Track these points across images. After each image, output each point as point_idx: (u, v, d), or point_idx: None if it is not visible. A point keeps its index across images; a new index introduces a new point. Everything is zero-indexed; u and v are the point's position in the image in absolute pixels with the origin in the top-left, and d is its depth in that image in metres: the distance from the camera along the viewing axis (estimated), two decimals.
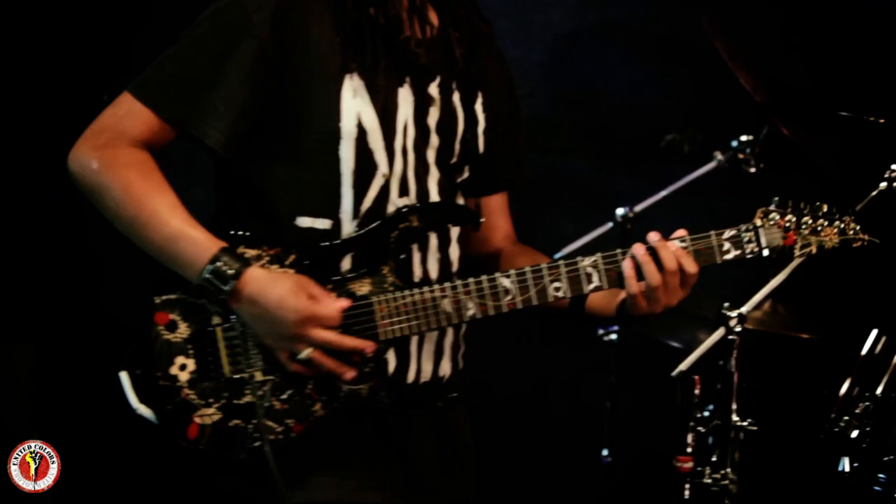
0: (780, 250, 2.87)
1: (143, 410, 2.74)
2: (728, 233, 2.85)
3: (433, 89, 2.87)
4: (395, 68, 2.82)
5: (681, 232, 2.83)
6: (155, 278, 2.75)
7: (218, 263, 2.66)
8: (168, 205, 2.71)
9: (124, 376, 2.74)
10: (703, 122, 4.75)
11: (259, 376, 2.75)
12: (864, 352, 3.97)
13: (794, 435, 4.23)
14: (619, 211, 4.52)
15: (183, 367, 2.74)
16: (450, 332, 2.88)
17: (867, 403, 3.84)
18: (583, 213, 4.70)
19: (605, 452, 4.69)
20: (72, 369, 4.39)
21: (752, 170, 4.41)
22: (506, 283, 2.79)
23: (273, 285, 2.69)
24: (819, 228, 2.91)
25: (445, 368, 2.90)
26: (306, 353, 2.68)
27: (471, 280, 2.78)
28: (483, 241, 3.07)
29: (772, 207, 2.90)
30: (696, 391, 3.96)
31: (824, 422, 3.90)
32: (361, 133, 2.77)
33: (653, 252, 2.79)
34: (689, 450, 3.96)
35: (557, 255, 4.45)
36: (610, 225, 4.53)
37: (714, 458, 3.94)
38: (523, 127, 3.10)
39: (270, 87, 2.74)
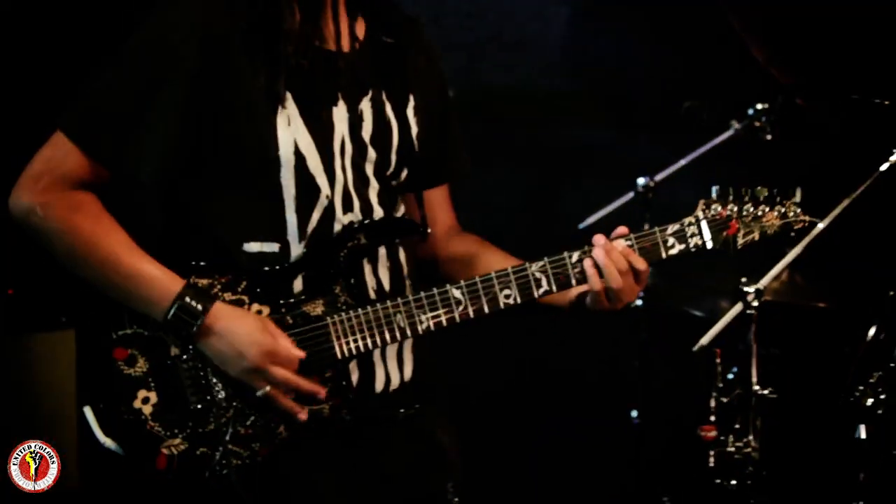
0: (724, 241, 2.84)
1: (109, 444, 2.70)
2: (671, 228, 2.82)
3: (365, 104, 2.81)
4: (327, 88, 2.76)
5: (622, 230, 2.80)
6: (109, 313, 2.71)
7: (184, 301, 2.63)
8: (120, 245, 2.67)
9: (88, 411, 2.71)
10: (720, 90, 4.66)
11: (222, 404, 2.72)
12: (877, 321, 3.96)
13: (813, 403, 4.22)
14: (641, 181, 4.46)
15: (146, 401, 2.70)
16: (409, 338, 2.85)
17: (881, 372, 3.82)
18: (605, 182, 4.62)
19: (634, 414, 4.66)
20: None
21: (769, 137, 4.37)
22: (456, 293, 2.76)
23: (239, 320, 2.66)
24: (760, 214, 2.86)
25: (409, 372, 2.87)
26: (264, 391, 2.66)
27: (422, 293, 2.75)
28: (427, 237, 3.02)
29: (713, 197, 2.86)
30: (718, 362, 4.01)
31: (841, 390, 3.91)
32: (300, 159, 2.71)
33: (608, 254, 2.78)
34: (712, 419, 4.01)
35: (582, 225, 4.50)
36: (632, 194, 4.47)
37: (737, 427, 3.96)
38: (456, 120, 3.03)
39: (203, 117, 2.66)
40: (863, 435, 3.85)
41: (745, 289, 3.74)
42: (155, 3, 2.69)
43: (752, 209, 2.86)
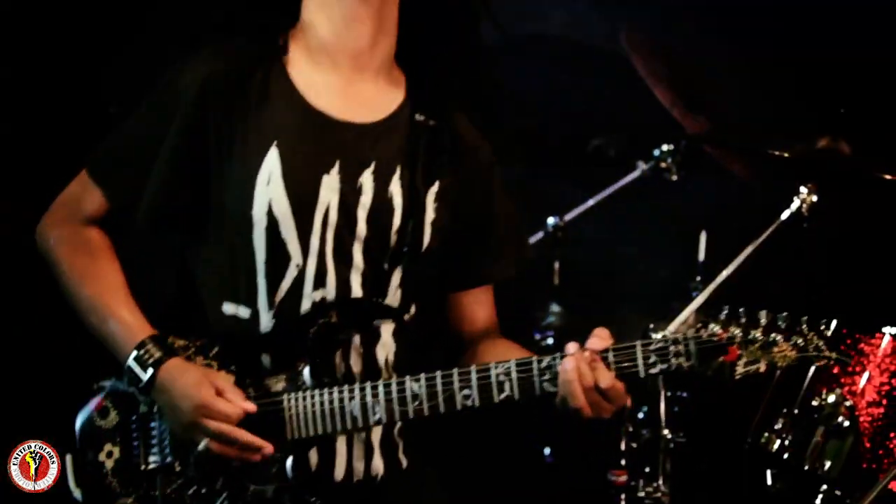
0: (718, 367, 2.53)
1: (75, 492, 2.75)
2: (655, 344, 2.56)
3: (367, 176, 2.71)
4: (321, 154, 2.69)
5: (600, 336, 2.57)
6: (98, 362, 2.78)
7: (142, 350, 2.65)
8: (106, 288, 2.73)
9: (69, 459, 2.77)
10: (628, 127, 4.78)
11: (174, 468, 2.70)
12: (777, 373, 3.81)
13: (721, 447, 4.17)
14: (550, 220, 4.55)
15: (109, 455, 2.73)
16: (378, 430, 2.75)
17: (785, 418, 3.76)
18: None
19: (547, 451, 4.65)
20: None
21: (674, 177, 4.48)
22: (414, 387, 2.61)
23: (181, 375, 2.64)
24: (772, 341, 2.54)
25: (379, 467, 2.77)
26: (203, 444, 2.62)
27: (380, 382, 2.63)
28: (461, 334, 2.90)
29: (720, 317, 2.55)
30: (628, 405, 4.00)
31: (748, 435, 3.84)
32: (272, 222, 2.65)
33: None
34: (623, 462, 4.00)
35: None
36: (541, 234, 4.54)
37: (647, 470, 3.96)
38: (507, 219, 2.89)
39: (196, 170, 2.68)
40: (769, 480, 3.84)
41: (653, 334, 3.59)
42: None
43: (759, 335, 2.54)
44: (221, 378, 2.65)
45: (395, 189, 2.73)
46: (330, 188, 2.68)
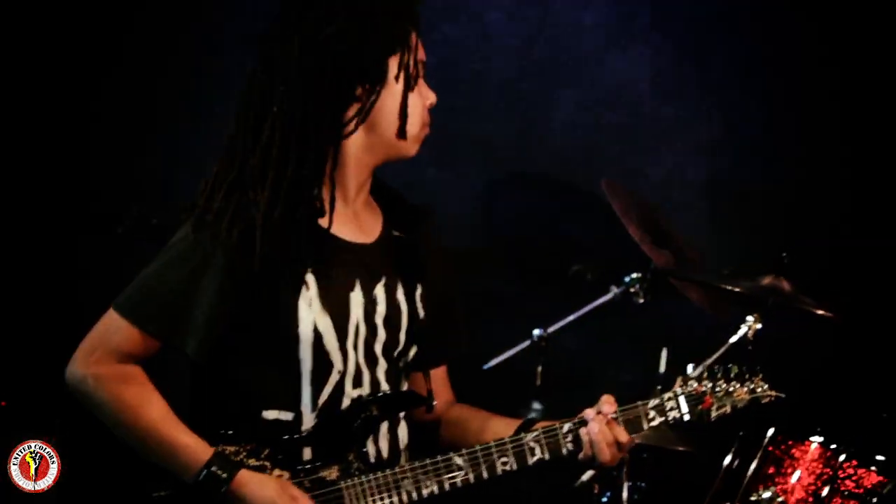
0: (699, 413, 2.83)
1: None
2: (652, 402, 2.83)
3: (379, 289, 2.85)
4: (345, 276, 2.81)
5: (608, 401, 2.83)
6: (150, 473, 2.75)
7: (212, 469, 2.68)
8: (160, 416, 2.73)
9: None
10: (604, 257, 4.93)
11: None
12: (724, 465, 4.11)
13: None
14: (536, 331, 4.63)
15: None
16: None
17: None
18: (504, 331, 4.78)
19: None
20: None
21: (641, 301, 4.62)
22: (459, 461, 2.76)
23: (260, 488, 2.69)
24: (732, 390, 2.86)
25: None
26: None
27: (428, 460, 2.76)
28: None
29: (690, 374, 2.87)
30: (596, 493, 4.20)
31: None
32: (318, 337, 2.75)
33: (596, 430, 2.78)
34: None
35: (486, 366, 4.68)
36: (528, 343, 4.65)
37: None
38: (460, 302, 3.06)
39: (239, 297, 2.73)
40: None
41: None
42: None
43: (724, 385, 2.85)
44: (291, 486, 2.72)
45: (400, 297, 2.88)
46: (357, 303, 2.81)
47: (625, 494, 4.14)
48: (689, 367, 2.87)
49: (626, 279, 4.64)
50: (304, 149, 2.76)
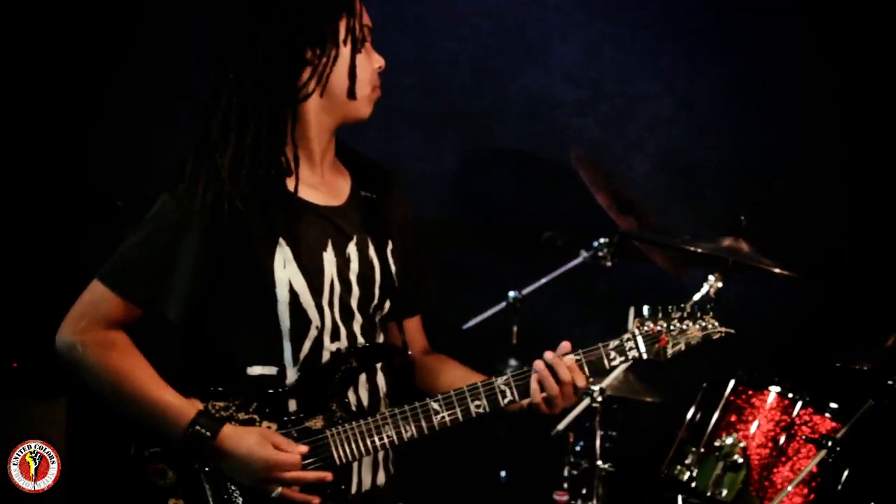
0: (656, 351, 2.84)
1: None
2: (612, 343, 2.84)
3: (352, 248, 2.88)
4: (318, 236, 2.84)
5: (566, 345, 2.83)
6: (138, 434, 2.79)
7: (196, 427, 2.72)
8: (146, 378, 2.76)
9: None
10: (573, 223, 5.01)
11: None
12: (689, 415, 4.16)
13: (643, 475, 4.34)
14: (511, 293, 4.74)
15: None
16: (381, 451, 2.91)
17: (693, 455, 4.02)
18: (482, 293, 4.89)
19: (503, 474, 4.84)
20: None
21: (608, 264, 4.71)
22: (435, 405, 2.80)
23: (242, 439, 2.73)
24: (685, 328, 2.86)
25: (381, 478, 2.92)
26: (277, 492, 2.75)
27: (406, 406, 2.80)
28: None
29: (645, 316, 2.87)
30: (571, 442, 4.32)
31: (664, 467, 4.09)
32: (294, 296, 2.78)
33: (551, 368, 2.79)
34: (565, 486, 4.30)
35: (465, 326, 4.78)
36: (504, 304, 4.75)
37: (584, 492, 4.25)
38: (424, 258, 3.07)
39: (215, 262, 2.76)
40: (679, 503, 4.10)
41: (591, 387, 3.82)
42: None
43: (677, 325, 2.87)
44: (274, 434, 2.76)
45: (372, 254, 2.90)
46: (329, 262, 2.84)
47: (598, 443, 4.24)
48: (645, 309, 2.85)
49: (595, 244, 4.71)
50: (260, 112, 2.79)
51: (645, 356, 2.85)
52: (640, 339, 2.85)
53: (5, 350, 4.36)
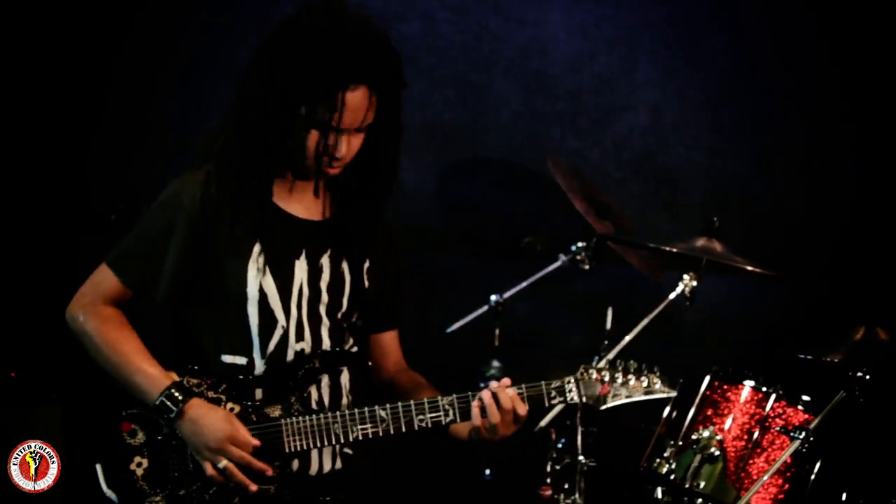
0: (596, 398, 2.94)
1: (109, 493, 2.94)
2: (555, 384, 2.93)
3: (325, 259, 3.03)
4: (292, 245, 3.00)
5: (506, 381, 2.91)
6: (120, 396, 2.96)
7: (170, 391, 2.92)
8: (133, 349, 2.98)
9: (98, 467, 2.96)
10: (552, 228, 4.98)
11: (194, 474, 2.94)
12: (667, 410, 4.13)
13: (623, 470, 4.39)
14: (493, 297, 4.72)
15: (139, 465, 2.95)
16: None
17: (672, 448, 4.01)
18: (465, 297, 4.86)
19: (487, 472, 4.80)
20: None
21: (586, 267, 4.68)
22: (382, 413, 2.93)
23: (208, 412, 2.92)
24: (629, 381, 2.96)
25: (339, 464, 3.04)
26: (223, 463, 2.90)
27: (356, 410, 2.93)
28: (380, 368, 3.20)
29: (594, 365, 2.96)
30: (553, 438, 4.26)
31: (643, 460, 4.08)
32: (263, 297, 2.96)
33: (495, 396, 2.89)
34: (548, 480, 4.25)
35: (448, 329, 4.72)
36: (486, 307, 4.73)
37: (566, 487, 4.19)
38: (404, 282, 3.19)
39: (198, 256, 2.95)
40: (658, 496, 4.10)
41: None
42: None
43: (621, 377, 2.97)
44: (236, 419, 2.91)
45: (344, 267, 3.05)
46: (301, 269, 3.00)
47: (579, 439, 4.19)
48: (595, 359, 2.96)
49: (573, 248, 4.69)
50: (250, 139, 2.93)
51: (584, 401, 2.94)
52: (581, 385, 2.95)
53: (3, 359, 4.39)
